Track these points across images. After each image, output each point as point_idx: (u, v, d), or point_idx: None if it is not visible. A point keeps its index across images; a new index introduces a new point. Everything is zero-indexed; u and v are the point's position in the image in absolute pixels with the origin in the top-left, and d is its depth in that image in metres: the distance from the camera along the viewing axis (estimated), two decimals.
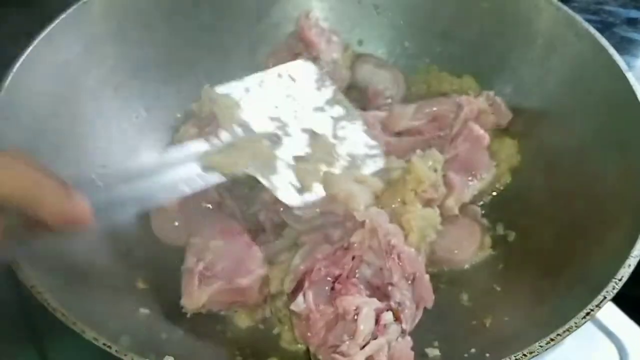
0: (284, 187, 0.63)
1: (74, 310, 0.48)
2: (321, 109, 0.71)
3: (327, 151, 0.67)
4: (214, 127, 0.68)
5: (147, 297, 0.62)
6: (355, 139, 0.71)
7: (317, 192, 0.62)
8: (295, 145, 0.67)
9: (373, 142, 0.71)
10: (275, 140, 0.66)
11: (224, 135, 0.63)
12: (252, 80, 0.71)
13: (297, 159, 0.65)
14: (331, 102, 0.72)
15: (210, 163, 0.60)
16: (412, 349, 0.56)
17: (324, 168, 0.65)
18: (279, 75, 0.73)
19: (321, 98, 0.72)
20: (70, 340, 0.52)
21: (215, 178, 0.59)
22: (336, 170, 0.66)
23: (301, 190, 0.63)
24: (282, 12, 0.87)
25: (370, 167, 0.69)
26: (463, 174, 0.72)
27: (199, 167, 0.58)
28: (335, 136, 0.69)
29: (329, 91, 0.74)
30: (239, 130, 0.64)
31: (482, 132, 0.72)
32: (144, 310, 0.60)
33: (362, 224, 0.59)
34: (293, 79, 0.72)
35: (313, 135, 0.68)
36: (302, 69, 0.75)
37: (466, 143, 0.72)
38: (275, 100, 0.70)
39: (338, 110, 0.72)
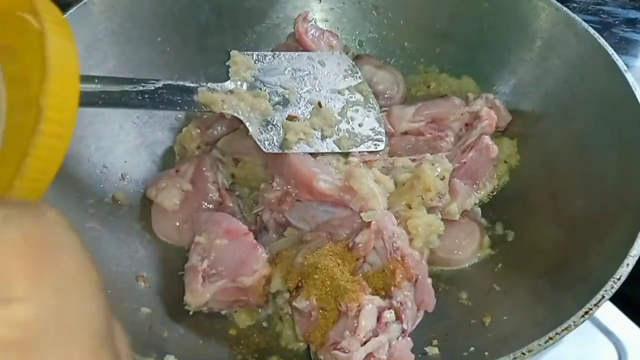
0: (266, 137, 0.67)
1: None
2: (339, 92, 0.75)
3: (327, 122, 0.71)
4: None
5: (148, 296, 0.63)
6: (363, 122, 0.74)
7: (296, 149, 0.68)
8: (296, 110, 0.71)
9: (380, 129, 0.74)
10: (279, 101, 0.71)
11: (228, 84, 0.69)
12: (279, 54, 0.76)
13: (291, 117, 0.70)
14: (352, 89, 0.76)
15: (203, 98, 0.66)
16: (412, 348, 0.57)
17: (313, 131, 0.70)
18: (309, 58, 0.77)
19: (343, 84, 0.76)
20: None
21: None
22: (329, 139, 0.70)
23: (282, 143, 0.68)
24: (282, 12, 0.87)
25: (370, 148, 0.72)
26: (468, 182, 0.72)
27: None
28: (342, 114, 0.73)
29: (354, 81, 0.77)
30: (244, 84, 0.70)
31: (492, 143, 0.73)
32: (145, 310, 0.60)
33: (368, 224, 0.59)
34: (323, 64, 0.76)
35: (318, 107, 0.72)
36: (334, 58, 0.78)
37: (475, 152, 0.73)
38: (295, 74, 0.74)
39: (357, 97, 0.75)
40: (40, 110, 0.33)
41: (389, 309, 0.56)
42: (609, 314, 0.71)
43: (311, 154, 0.69)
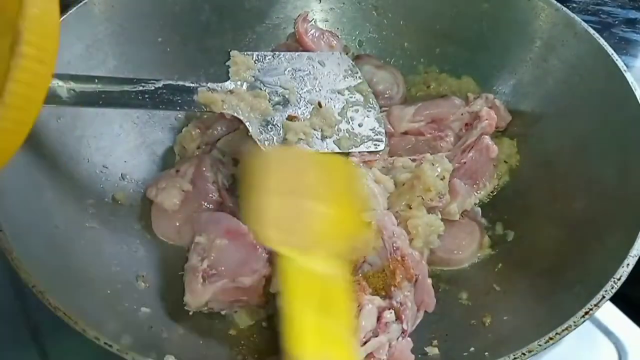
0: (266, 137, 0.67)
1: (75, 310, 0.48)
2: (339, 92, 0.75)
3: (327, 122, 0.71)
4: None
5: (148, 296, 0.63)
6: (363, 122, 0.74)
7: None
8: (296, 110, 0.71)
9: (380, 129, 0.74)
10: (279, 101, 0.71)
11: (228, 84, 0.69)
12: (279, 54, 0.75)
13: (291, 117, 0.70)
14: (352, 89, 0.76)
15: (203, 98, 0.65)
16: (412, 349, 0.56)
17: (313, 132, 0.70)
18: (309, 58, 0.76)
19: (343, 84, 0.76)
20: (71, 339, 0.52)
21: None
22: (329, 139, 0.70)
23: (282, 143, 0.68)
24: (282, 12, 0.87)
25: (370, 148, 0.72)
26: (468, 182, 0.72)
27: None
28: (342, 115, 0.73)
29: (354, 81, 0.77)
30: (244, 85, 0.70)
31: (492, 143, 0.73)
32: (145, 310, 0.60)
33: (368, 224, 0.59)
34: (323, 64, 0.76)
35: (318, 107, 0.72)
36: (334, 59, 0.78)
37: (475, 152, 0.73)
38: (295, 74, 0.74)
39: (356, 97, 0.75)
40: (19, 33, 0.32)
41: (389, 309, 0.56)
42: (609, 314, 0.71)
43: None
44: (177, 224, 0.69)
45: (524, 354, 0.48)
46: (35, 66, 0.33)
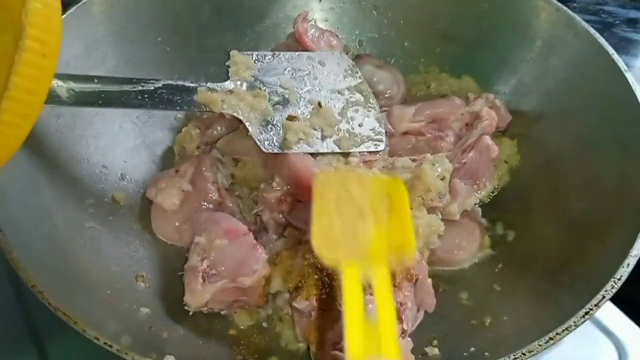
0: (265, 137, 0.68)
1: (74, 310, 0.48)
2: (339, 92, 0.75)
3: (327, 122, 0.71)
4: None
5: (147, 296, 0.63)
6: (363, 122, 0.74)
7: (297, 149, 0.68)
8: (296, 110, 0.71)
9: (380, 129, 0.74)
10: (279, 101, 0.71)
11: (228, 84, 0.69)
12: (279, 54, 0.76)
13: (291, 117, 0.70)
14: (352, 89, 0.76)
15: (202, 98, 0.66)
16: (412, 349, 0.56)
17: (313, 132, 0.70)
18: (309, 58, 0.76)
19: (343, 84, 0.76)
20: (70, 339, 0.53)
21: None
22: (329, 139, 0.70)
23: (282, 143, 0.68)
24: (282, 12, 0.87)
25: (370, 148, 0.72)
26: (468, 182, 0.72)
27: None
28: (342, 115, 0.73)
29: (354, 81, 0.77)
30: (244, 84, 0.70)
31: (492, 143, 0.73)
32: (144, 310, 0.60)
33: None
34: (323, 64, 0.76)
35: (318, 107, 0.71)
36: (334, 58, 0.78)
37: (475, 152, 0.73)
38: (295, 74, 0.74)
39: (356, 97, 0.75)
40: (22, 28, 0.33)
41: None
42: (610, 314, 0.71)
43: (311, 154, 0.69)
44: (177, 224, 0.69)
45: (524, 354, 0.48)
46: (38, 60, 0.34)
